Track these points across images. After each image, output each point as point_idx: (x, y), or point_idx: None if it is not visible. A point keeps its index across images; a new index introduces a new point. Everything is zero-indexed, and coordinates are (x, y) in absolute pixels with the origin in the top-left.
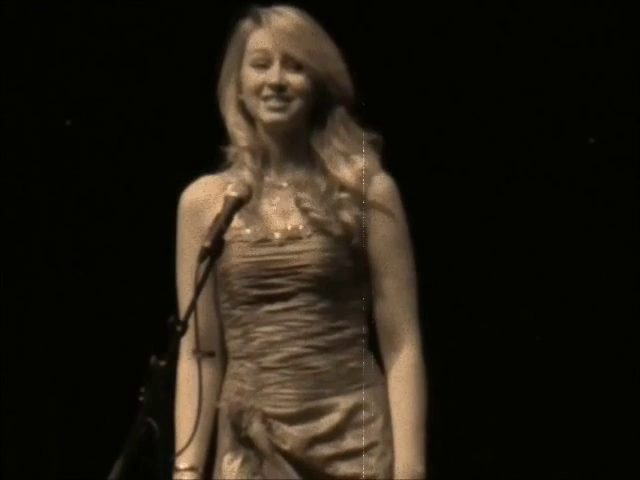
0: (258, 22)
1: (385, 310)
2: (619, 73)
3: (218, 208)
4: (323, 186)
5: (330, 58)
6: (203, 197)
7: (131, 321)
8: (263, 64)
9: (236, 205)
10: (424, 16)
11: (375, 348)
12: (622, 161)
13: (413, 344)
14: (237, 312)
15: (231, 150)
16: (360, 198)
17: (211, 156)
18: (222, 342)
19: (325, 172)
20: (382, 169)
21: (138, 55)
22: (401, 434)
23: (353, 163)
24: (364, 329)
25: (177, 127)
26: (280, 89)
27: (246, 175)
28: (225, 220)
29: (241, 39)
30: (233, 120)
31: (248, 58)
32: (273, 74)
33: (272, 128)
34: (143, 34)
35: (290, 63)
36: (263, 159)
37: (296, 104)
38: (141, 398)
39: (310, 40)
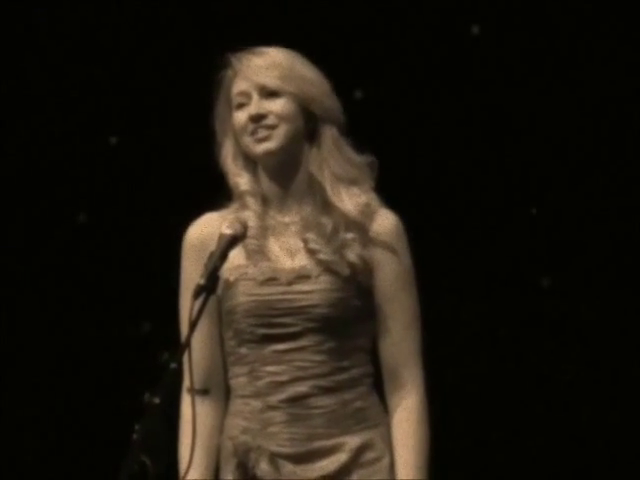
0: (233, 69)
1: (389, 349)
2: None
3: None
4: (329, 227)
5: (309, 80)
6: (206, 234)
7: (124, 356)
8: (244, 103)
9: (231, 242)
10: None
11: (379, 387)
12: None
13: (416, 385)
14: (243, 350)
15: (234, 197)
16: (364, 234)
17: (214, 194)
18: (225, 379)
19: (329, 206)
20: (379, 200)
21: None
22: (404, 475)
23: (356, 197)
24: (369, 369)
25: (179, 167)
26: (260, 118)
27: (249, 216)
28: (219, 257)
29: (225, 90)
30: (234, 171)
31: (233, 104)
32: (251, 107)
33: (266, 160)
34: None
35: (265, 92)
36: (265, 200)
37: (282, 130)
38: (135, 435)
39: (283, 66)
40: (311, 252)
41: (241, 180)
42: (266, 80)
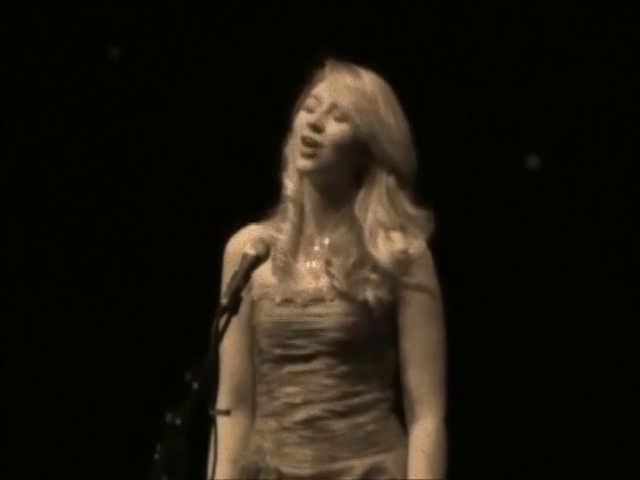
0: (325, 74)
1: (409, 378)
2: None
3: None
4: (354, 258)
5: (388, 125)
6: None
7: (150, 376)
8: (312, 108)
9: (254, 263)
10: None
11: (401, 411)
12: None
13: (435, 416)
14: (264, 369)
15: (282, 196)
16: (392, 281)
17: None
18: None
19: (361, 243)
20: (427, 246)
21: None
22: None
23: (392, 242)
24: (387, 393)
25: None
26: (314, 129)
27: (285, 229)
28: (242, 277)
29: (308, 88)
30: (291, 167)
31: (304, 102)
32: (315, 115)
33: (307, 177)
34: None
35: (335, 112)
36: (302, 214)
37: (326, 153)
38: (156, 455)
39: (368, 99)
40: (329, 276)
41: (290, 184)
42: (341, 101)
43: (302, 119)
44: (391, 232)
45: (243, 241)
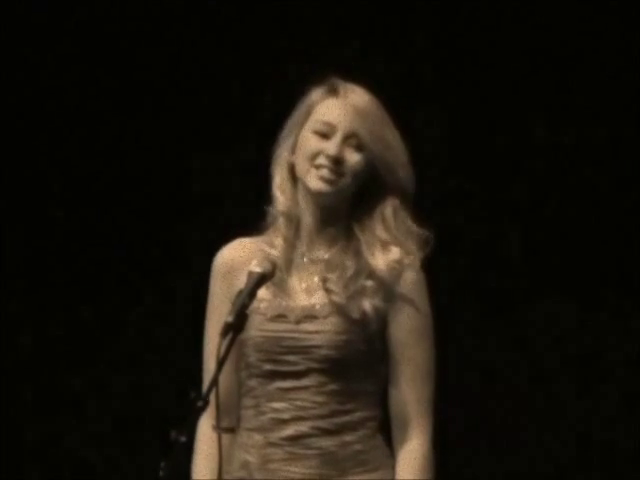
0: (332, 93)
1: (398, 398)
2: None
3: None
4: (351, 270)
5: (393, 147)
6: (237, 259)
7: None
8: (325, 133)
9: (259, 281)
10: None
11: (387, 431)
12: None
13: (423, 436)
14: (252, 383)
15: (271, 211)
16: (386, 288)
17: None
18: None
19: (358, 255)
20: (421, 266)
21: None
22: None
23: (389, 252)
24: (375, 412)
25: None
26: (336, 162)
27: (278, 244)
28: (248, 295)
29: (309, 105)
30: (279, 181)
31: (312, 125)
32: (333, 146)
33: (316, 198)
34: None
35: (352, 141)
36: (298, 228)
37: (346, 181)
38: (161, 473)
39: (377, 124)
40: (327, 292)
41: (282, 198)
42: (359, 130)
43: (315, 145)
44: (389, 245)
45: (232, 254)
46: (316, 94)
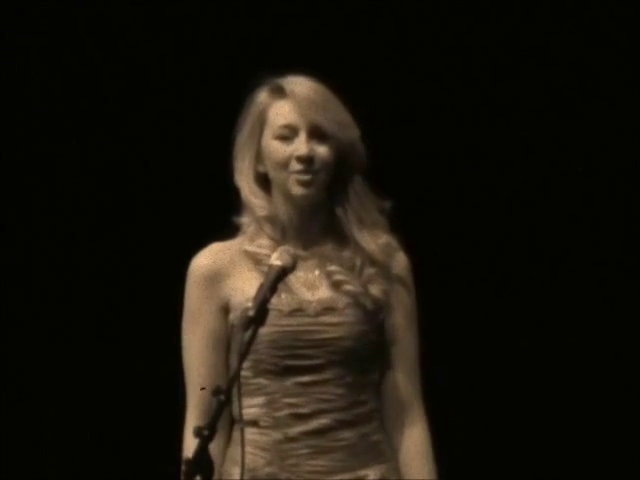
0: (278, 93)
1: (396, 384)
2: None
3: (234, 275)
4: (356, 261)
5: (349, 125)
6: (218, 264)
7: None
8: (288, 136)
9: (280, 274)
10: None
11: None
12: None
13: (423, 419)
14: (260, 380)
15: (244, 220)
16: (386, 272)
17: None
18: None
19: (355, 245)
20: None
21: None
22: None
23: (378, 238)
24: (378, 402)
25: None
26: (309, 162)
27: (265, 244)
28: (269, 289)
29: (259, 110)
30: (249, 189)
31: (272, 131)
32: (301, 146)
33: (298, 201)
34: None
35: (316, 133)
36: (282, 229)
37: (322, 176)
38: (183, 467)
39: (331, 109)
40: (336, 284)
41: (258, 202)
42: (321, 121)
43: (284, 151)
44: (372, 229)
45: (212, 258)
46: (261, 98)
